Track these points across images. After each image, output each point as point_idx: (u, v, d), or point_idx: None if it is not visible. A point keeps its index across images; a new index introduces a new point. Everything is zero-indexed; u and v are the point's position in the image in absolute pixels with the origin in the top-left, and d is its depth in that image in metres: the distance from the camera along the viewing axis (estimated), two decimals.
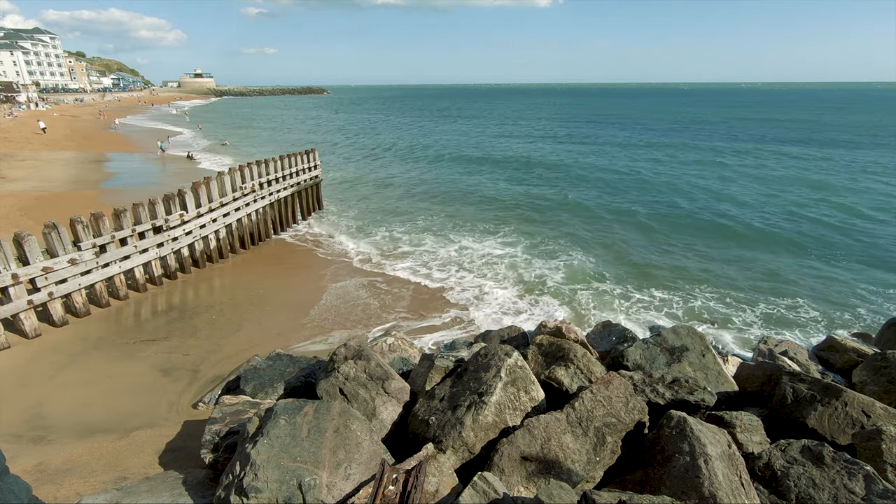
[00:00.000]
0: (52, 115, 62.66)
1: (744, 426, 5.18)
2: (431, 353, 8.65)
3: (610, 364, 7.64)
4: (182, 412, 8.06)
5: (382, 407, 5.69)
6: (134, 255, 12.87)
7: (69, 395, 8.51)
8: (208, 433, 5.90)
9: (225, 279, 14.82)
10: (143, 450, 6.83)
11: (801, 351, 9.78)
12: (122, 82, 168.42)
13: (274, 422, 4.61)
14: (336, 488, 4.23)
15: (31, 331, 10.51)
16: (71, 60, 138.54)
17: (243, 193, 16.99)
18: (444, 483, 4.53)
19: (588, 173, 33.45)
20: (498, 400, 5.28)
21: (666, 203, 25.09)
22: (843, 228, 20.46)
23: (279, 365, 8.40)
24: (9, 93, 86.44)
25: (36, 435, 7.32)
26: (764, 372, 6.76)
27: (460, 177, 32.83)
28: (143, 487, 5.02)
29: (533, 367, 6.64)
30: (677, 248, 18.19)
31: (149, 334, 11.02)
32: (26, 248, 10.23)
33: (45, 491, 5.88)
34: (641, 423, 5.12)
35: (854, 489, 3.97)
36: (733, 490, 3.94)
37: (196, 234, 14.87)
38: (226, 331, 11.23)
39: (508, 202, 25.54)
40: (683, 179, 31.09)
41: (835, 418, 5.24)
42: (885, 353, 7.05)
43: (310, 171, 21.35)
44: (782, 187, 28.33)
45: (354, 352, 6.23)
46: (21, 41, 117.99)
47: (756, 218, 22.05)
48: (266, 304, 12.75)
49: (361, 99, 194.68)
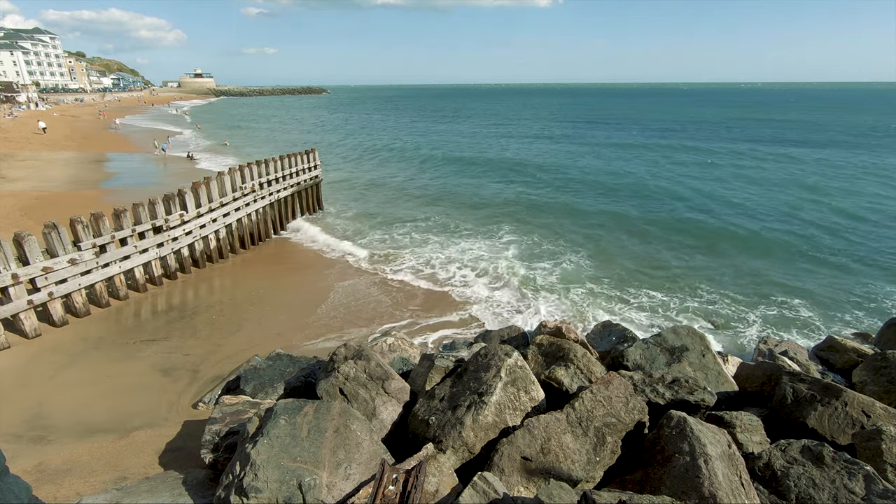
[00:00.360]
0: (52, 115, 62.65)
1: (744, 426, 5.18)
2: (431, 353, 8.64)
3: (610, 364, 7.63)
4: (182, 412, 8.06)
5: (382, 407, 5.68)
6: (134, 255, 12.87)
7: (69, 395, 8.51)
8: (208, 433, 5.90)
9: (225, 279, 14.82)
10: (143, 450, 6.83)
11: (801, 351, 9.78)
12: (121, 82, 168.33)
13: (274, 422, 4.61)
14: (336, 488, 4.23)
15: (31, 331, 10.51)
16: (71, 60, 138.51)
17: (243, 193, 16.99)
18: (444, 483, 4.53)
19: (585, 175, 33.44)
20: (498, 400, 5.28)
21: (663, 205, 25.08)
22: (843, 229, 20.46)
23: (279, 365, 8.40)
24: (9, 93, 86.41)
25: (36, 435, 7.32)
26: (764, 372, 6.76)
27: (458, 177, 32.83)
28: (143, 487, 5.02)
29: (533, 367, 6.64)
30: (676, 249, 18.19)
31: (149, 334, 11.02)
32: (26, 248, 10.23)
33: (45, 491, 5.88)
34: (641, 423, 5.12)
35: (854, 489, 3.97)
36: (733, 490, 3.94)
37: (196, 234, 14.87)
38: (226, 331, 11.23)
39: (506, 203, 25.53)
40: (681, 181, 31.08)
41: (835, 418, 5.24)
42: (885, 353, 7.05)
43: (310, 171, 21.35)
44: (781, 188, 28.32)
45: (354, 352, 6.23)
46: (21, 41, 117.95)
47: (755, 219, 22.05)
48: (266, 304, 12.75)
49: (361, 99, 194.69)
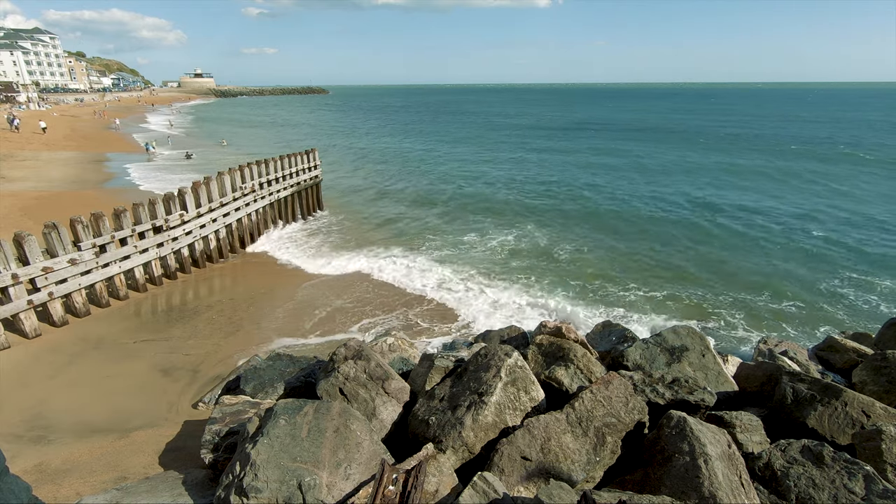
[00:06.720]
0: (52, 115, 62.63)
1: (744, 426, 5.17)
2: (431, 353, 8.64)
3: (610, 364, 7.63)
4: (182, 412, 8.06)
5: (382, 407, 5.68)
6: (134, 255, 12.87)
7: (69, 395, 8.51)
8: (208, 433, 5.89)
9: (225, 279, 14.82)
10: (143, 450, 6.82)
11: (801, 351, 9.77)
12: (122, 82, 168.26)
13: (274, 422, 4.60)
14: (336, 488, 4.22)
15: (31, 331, 10.51)
16: (71, 60, 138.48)
17: (243, 193, 16.99)
18: (444, 483, 4.53)
19: (581, 173, 33.47)
20: (498, 400, 5.27)
21: (666, 207, 25.09)
22: (843, 230, 20.46)
23: (279, 365, 8.39)
24: (9, 93, 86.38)
25: (36, 435, 7.31)
26: (764, 372, 6.75)
27: (456, 178, 32.80)
28: (143, 487, 5.01)
29: (533, 367, 6.64)
30: (677, 250, 18.19)
31: (149, 334, 11.02)
32: (26, 248, 10.23)
33: (45, 491, 5.88)
34: (641, 423, 5.12)
35: (854, 489, 3.97)
36: (733, 490, 3.94)
37: (196, 234, 14.87)
38: (226, 331, 11.23)
39: (504, 203, 25.52)
40: (681, 182, 31.09)
41: (835, 418, 5.23)
42: (885, 353, 7.03)
43: (310, 171, 21.35)
44: (779, 190, 28.33)
45: (354, 352, 6.22)
46: (21, 41, 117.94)
47: (755, 220, 22.05)
48: (266, 304, 12.75)
49: (361, 99, 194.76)
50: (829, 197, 26.01)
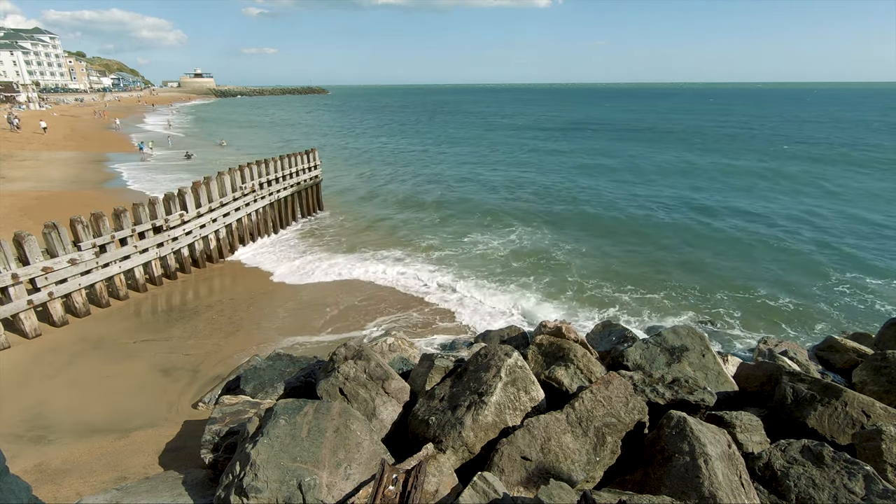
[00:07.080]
0: (52, 115, 62.63)
1: (744, 426, 5.17)
2: (431, 353, 8.64)
3: (610, 364, 7.63)
4: (182, 412, 8.06)
5: (382, 407, 5.68)
6: (134, 255, 12.87)
7: (69, 395, 8.51)
8: (208, 433, 5.89)
9: (225, 279, 14.82)
10: (143, 450, 6.82)
11: (801, 351, 9.77)
12: (121, 82, 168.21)
13: (274, 422, 4.60)
14: (336, 488, 4.22)
15: (31, 331, 10.51)
16: (71, 60, 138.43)
17: (243, 193, 16.99)
18: (444, 483, 4.53)
19: (578, 174, 33.47)
20: (498, 400, 5.27)
21: (664, 208, 25.09)
22: (842, 231, 20.47)
23: (279, 365, 8.39)
24: (9, 93, 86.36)
25: (36, 435, 7.31)
26: (764, 372, 6.75)
27: (454, 178, 32.80)
28: (143, 487, 5.01)
29: (533, 367, 6.64)
30: (675, 251, 18.20)
31: (149, 334, 11.02)
32: (26, 248, 10.23)
33: (45, 491, 5.87)
34: (641, 423, 5.12)
35: (854, 489, 3.97)
36: (733, 490, 3.94)
37: (196, 234, 14.87)
38: (226, 331, 11.23)
39: (502, 205, 25.50)
40: (681, 182, 31.09)
41: (835, 418, 5.23)
42: (885, 353, 7.04)
43: (310, 171, 21.35)
44: (777, 191, 28.34)
45: (354, 352, 6.22)
46: (21, 41, 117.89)
47: (754, 221, 22.06)
48: (266, 304, 12.75)
49: (360, 99, 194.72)
50: (828, 198, 26.03)
